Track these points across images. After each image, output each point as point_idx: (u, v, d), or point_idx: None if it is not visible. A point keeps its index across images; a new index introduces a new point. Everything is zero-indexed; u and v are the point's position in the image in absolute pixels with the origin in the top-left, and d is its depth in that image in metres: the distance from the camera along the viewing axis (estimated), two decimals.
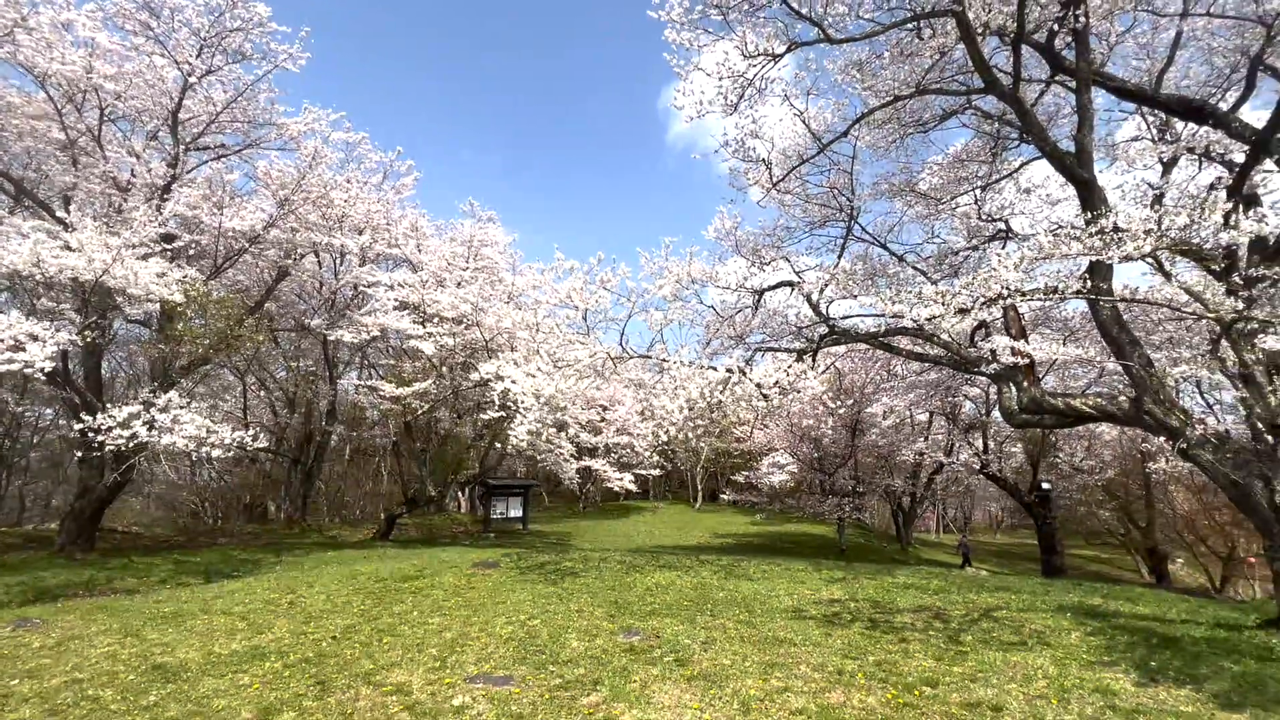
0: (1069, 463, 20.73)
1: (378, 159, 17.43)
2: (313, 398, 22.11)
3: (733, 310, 12.57)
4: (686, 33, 9.76)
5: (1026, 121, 8.77)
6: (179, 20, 11.71)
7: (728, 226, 13.16)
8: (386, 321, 15.41)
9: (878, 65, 11.29)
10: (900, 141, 12.83)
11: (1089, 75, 8.66)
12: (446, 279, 17.79)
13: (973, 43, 8.57)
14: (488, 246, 19.90)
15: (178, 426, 10.25)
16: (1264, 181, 9.89)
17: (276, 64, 12.43)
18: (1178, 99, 9.62)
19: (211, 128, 13.40)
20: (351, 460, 30.15)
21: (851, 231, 12.85)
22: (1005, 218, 13.32)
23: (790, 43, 9.91)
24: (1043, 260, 4.59)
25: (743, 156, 11.79)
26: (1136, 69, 11.00)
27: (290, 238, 14.70)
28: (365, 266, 17.25)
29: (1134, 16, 9.78)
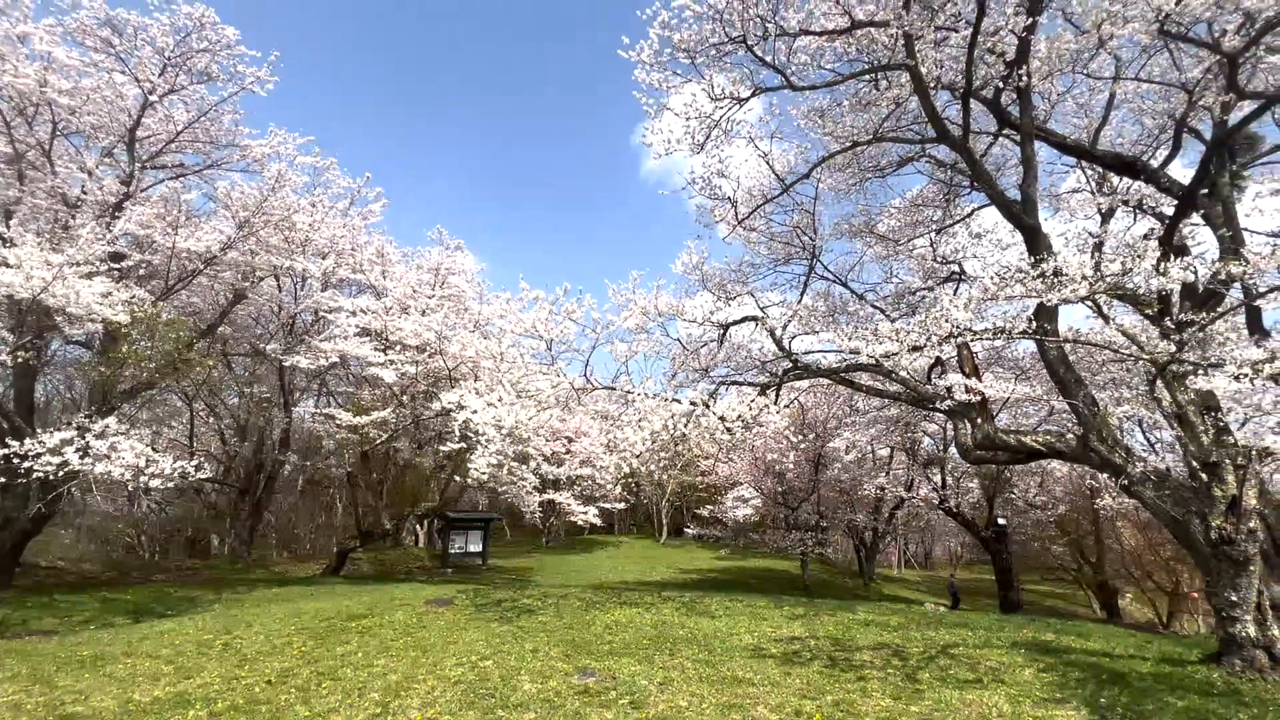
0: (1023, 498, 21.25)
1: (345, 184, 17.26)
2: (265, 425, 21.26)
3: (698, 343, 12.68)
4: (656, 74, 10.04)
5: (976, 171, 9.22)
6: (142, 39, 11.52)
7: (694, 261, 13.36)
8: (346, 348, 15.03)
9: (838, 112, 11.79)
10: (860, 185, 13.35)
11: (1032, 130, 9.20)
12: (411, 306, 17.53)
13: (925, 95, 9.03)
14: (455, 274, 19.74)
15: (115, 454, 9.69)
16: (1192, 234, 10.59)
17: (243, 86, 12.29)
18: (1113, 155, 10.28)
19: (171, 147, 13.09)
20: (304, 491, 28.95)
21: (814, 269, 13.21)
22: (959, 260, 13.90)
23: (755, 87, 10.29)
24: (990, 301, 4.79)
25: (709, 194, 12.08)
26: (1076, 125, 11.73)
27: (249, 260, 14.31)
28: (327, 292, 16.89)
29: (1072, 78, 10.45)
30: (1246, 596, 5.18)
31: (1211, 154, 7.67)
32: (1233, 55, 6.32)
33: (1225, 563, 5.14)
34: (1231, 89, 6.72)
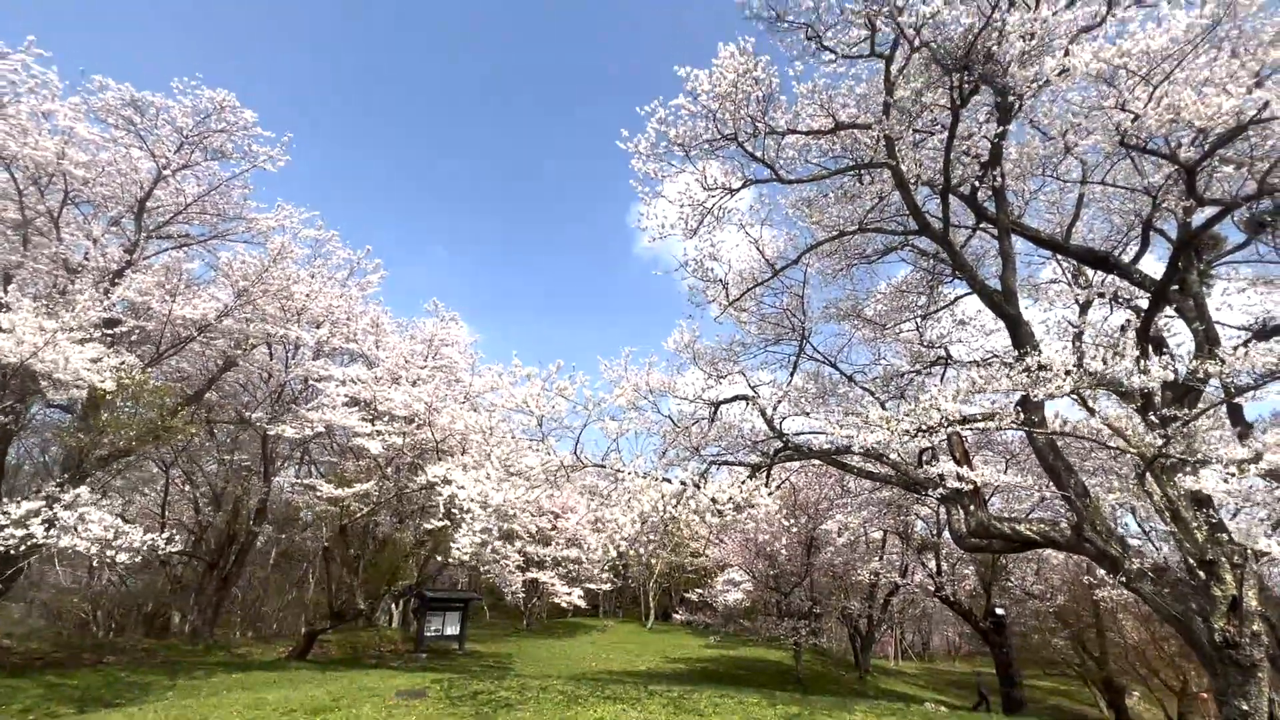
0: (1020, 587, 20.67)
1: (345, 255, 17.64)
2: (243, 494, 20.60)
3: (690, 421, 12.66)
4: (652, 164, 10.58)
5: (958, 262, 9.60)
6: (164, 118, 12.08)
7: (686, 340, 13.56)
8: (333, 418, 14.85)
9: (825, 203, 12.38)
10: (846, 270, 13.82)
11: (1008, 226, 9.67)
12: (402, 376, 17.50)
13: (906, 191, 9.54)
14: (448, 346, 19.86)
15: (82, 526, 9.31)
16: (1168, 326, 10.95)
17: (255, 164, 12.81)
18: (1085, 250, 10.78)
19: (178, 218, 13.45)
20: (276, 565, 27.70)
21: (804, 350, 13.43)
22: (945, 344, 14.20)
23: (746, 179, 10.83)
24: (977, 393, 4.86)
25: (701, 276, 12.44)
26: (1049, 220, 12.35)
27: (243, 328, 14.37)
28: (319, 360, 16.87)
29: (1043, 179, 11.10)
30: (1258, 705, 4.97)
31: (1178, 253, 8.08)
32: (1189, 166, 6.78)
33: (1231, 668, 4.97)
34: (1191, 195, 7.16)
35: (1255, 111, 5.97)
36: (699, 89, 9.34)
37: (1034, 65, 7.61)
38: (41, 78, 11.51)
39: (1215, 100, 6.08)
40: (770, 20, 9.07)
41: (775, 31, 9.04)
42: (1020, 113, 9.46)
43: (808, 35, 8.97)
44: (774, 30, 9.06)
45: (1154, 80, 6.40)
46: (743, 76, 9.25)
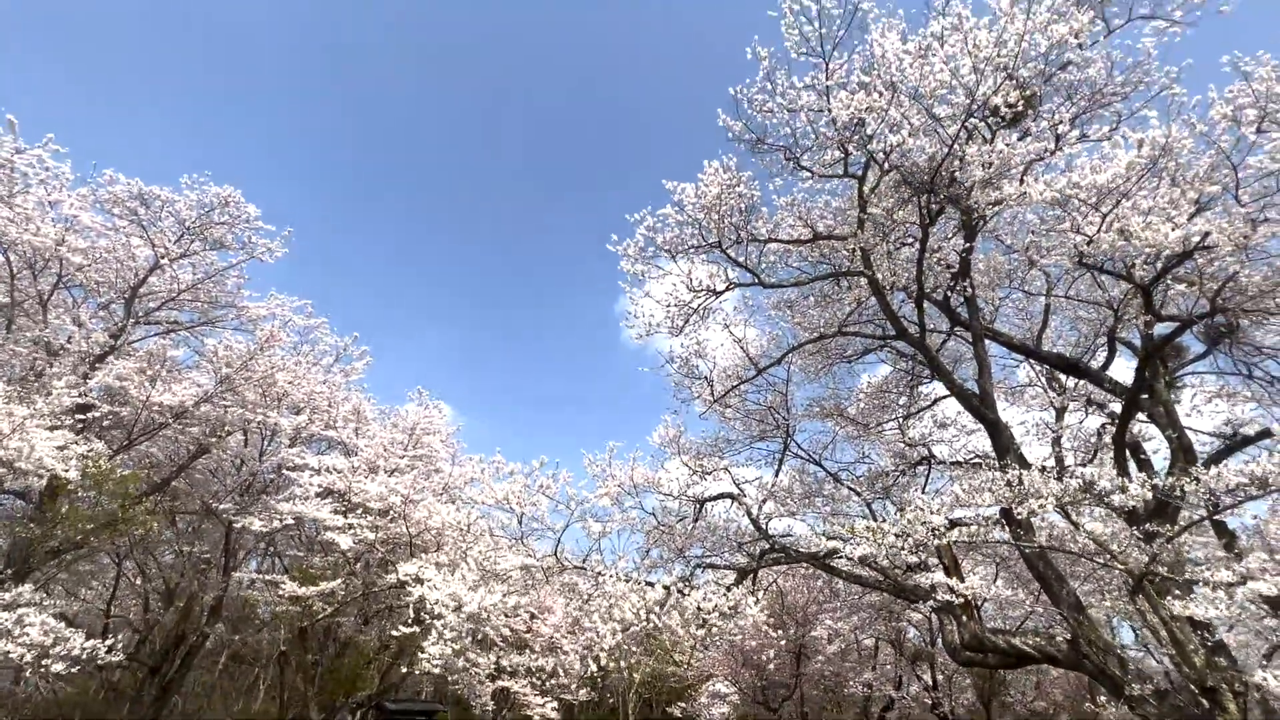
0: (1021, 703, 19.58)
1: (332, 342, 17.70)
2: (199, 590, 19.31)
3: (674, 518, 12.39)
4: (639, 265, 11.03)
5: (934, 366, 9.88)
6: (168, 211, 12.48)
7: (671, 435, 13.53)
8: (304, 510, 14.28)
9: (805, 305, 12.85)
10: (828, 369, 14.12)
11: (981, 332, 10.05)
12: (380, 466, 17.06)
13: (883, 298, 9.96)
14: (430, 434, 19.55)
15: (18, 630, 8.61)
16: (1143, 432, 11.18)
17: (253, 255, 13.14)
18: (1056, 356, 11.16)
19: (169, 304, 13.55)
20: (225, 670, 25.54)
21: (788, 448, 13.43)
22: (928, 444, 14.29)
23: (730, 282, 11.28)
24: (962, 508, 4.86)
25: (687, 373, 12.65)
26: (1020, 325, 12.88)
27: (221, 414, 14.12)
28: (295, 448, 16.47)
29: (1010, 289, 11.69)
30: None
31: (1144, 363, 8.40)
32: (1144, 285, 7.22)
33: None
34: (1149, 311, 7.57)
35: (1199, 239, 6.45)
36: (685, 200, 9.93)
37: (994, 190, 8.25)
38: (54, 169, 11.96)
39: (1162, 228, 6.58)
40: (751, 142, 9.82)
41: (756, 152, 9.77)
42: (985, 230, 10.14)
43: (786, 156, 9.69)
44: (755, 151, 9.79)
45: (1104, 208, 6.93)
46: (727, 190, 9.89)
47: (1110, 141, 7.07)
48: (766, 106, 9.51)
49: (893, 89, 8.13)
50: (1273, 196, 6.45)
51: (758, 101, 9.52)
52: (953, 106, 8.07)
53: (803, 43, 8.79)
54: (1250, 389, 9.26)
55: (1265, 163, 6.02)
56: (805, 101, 9.14)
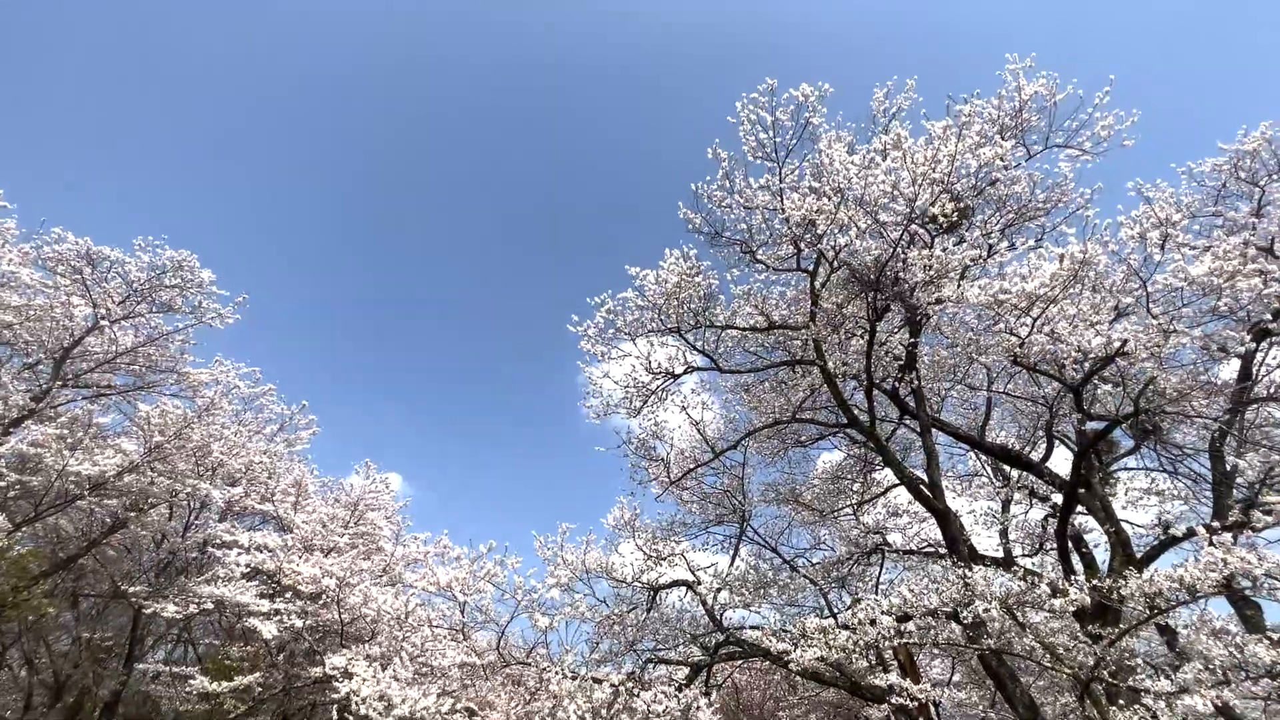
0: None
1: (278, 410, 17.00)
2: (93, 684, 17.21)
3: (626, 607, 11.91)
4: (599, 345, 11.14)
5: (885, 455, 10.08)
6: (116, 272, 12.11)
7: (627, 517, 13.23)
8: (227, 593, 13.14)
9: (761, 390, 13.11)
10: (784, 453, 14.24)
11: (929, 423, 10.38)
12: (317, 544, 16.00)
13: (834, 386, 10.25)
14: (374, 510, 18.59)
15: None
16: (1083, 525, 11.50)
17: (202, 320, 12.73)
18: (999, 447, 11.57)
19: (103, 367, 12.88)
20: None
21: (744, 533, 13.27)
22: (882, 531, 14.34)
23: (688, 366, 11.47)
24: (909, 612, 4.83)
25: (644, 454, 12.56)
26: (965, 416, 13.37)
27: (146, 485, 13.16)
28: (225, 523, 15.39)
29: (955, 382, 12.22)
30: None
31: (1079, 459, 8.77)
32: (1074, 386, 7.66)
33: None
34: (1079, 410, 7.99)
35: (1119, 345, 6.95)
36: (646, 285, 10.22)
37: (934, 290, 8.79)
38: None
39: (1086, 333, 7.07)
40: (710, 234, 10.31)
41: (715, 245, 10.24)
42: (929, 326, 10.70)
43: (743, 249, 10.19)
44: (714, 243, 10.27)
45: (1033, 313, 7.44)
46: (686, 278, 10.23)
47: (1036, 253, 7.69)
48: (725, 203, 10.09)
49: (840, 194, 8.75)
50: (1179, 310, 7.06)
51: (717, 197, 10.10)
52: (895, 214, 8.70)
53: (758, 148, 9.47)
54: (1174, 487, 9.72)
55: (1169, 279, 6.62)
56: (761, 200, 9.74)
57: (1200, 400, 8.56)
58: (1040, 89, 9.70)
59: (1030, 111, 9.73)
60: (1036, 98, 9.77)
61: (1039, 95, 9.74)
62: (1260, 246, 8.68)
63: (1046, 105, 9.79)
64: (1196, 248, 7.19)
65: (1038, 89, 9.69)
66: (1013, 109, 9.80)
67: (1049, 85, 9.68)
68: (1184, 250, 6.98)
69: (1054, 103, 9.75)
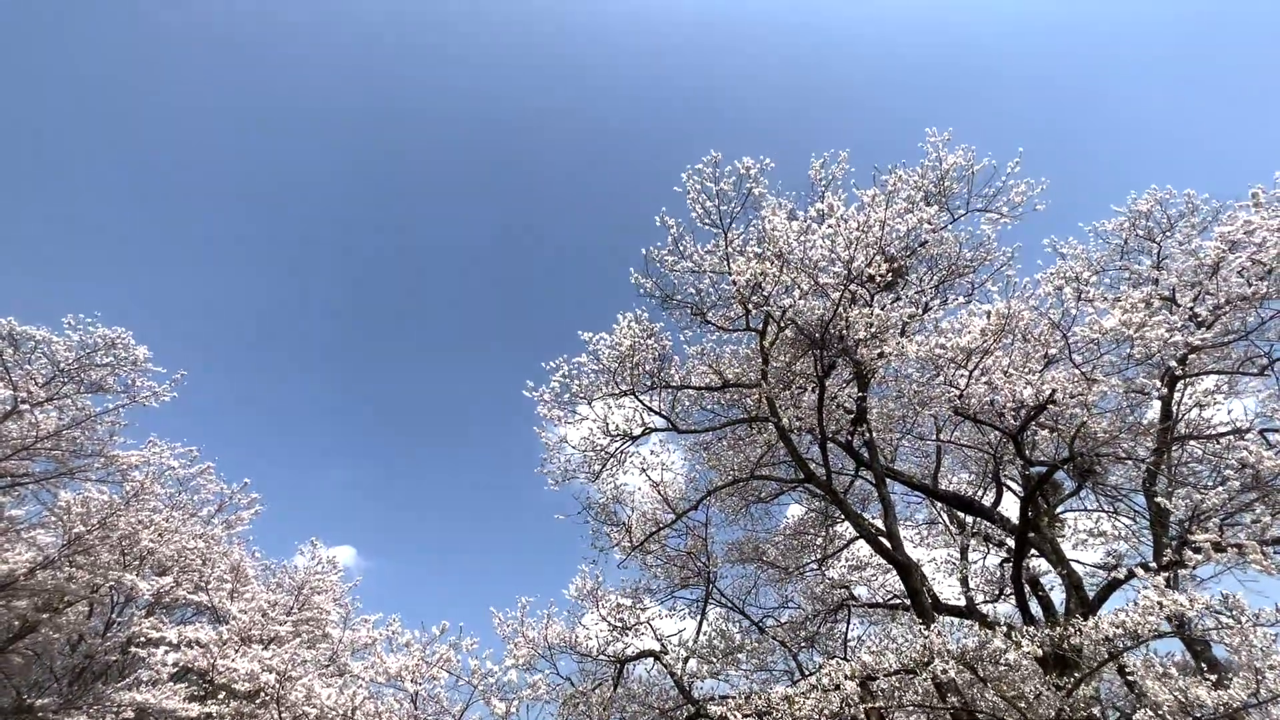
0: None
1: (216, 489, 16.06)
2: None
3: (592, 683, 11.35)
4: (556, 410, 11.08)
5: (844, 510, 10.18)
6: (41, 352, 11.49)
7: (589, 587, 12.76)
8: (150, 698, 11.94)
9: (720, 448, 13.19)
10: (746, 510, 14.19)
11: (883, 474, 10.59)
12: (256, 635, 14.81)
13: (789, 442, 10.40)
14: (320, 593, 17.45)
15: None
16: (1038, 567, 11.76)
17: (135, 399, 12.09)
18: (952, 495, 11.84)
19: (20, 454, 11.99)
20: None
21: (710, 595, 12.97)
22: (848, 585, 14.27)
23: (645, 427, 11.48)
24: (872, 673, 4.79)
25: (605, 520, 12.31)
26: (918, 465, 13.69)
27: (63, 582, 12.08)
28: (151, 618, 14.13)
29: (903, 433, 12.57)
30: None
31: (1025, 503, 9.06)
32: (1012, 434, 8.00)
33: None
34: (1020, 457, 8.32)
35: (1049, 393, 7.34)
36: (600, 350, 10.32)
37: (877, 346, 9.17)
38: None
39: (1018, 384, 7.46)
40: (661, 298, 10.58)
41: (666, 307, 10.50)
42: (876, 379, 11.09)
43: (694, 312, 10.47)
44: (665, 306, 10.53)
45: (969, 365, 7.82)
46: (640, 341, 10.39)
47: (967, 310, 8.17)
48: (676, 267, 10.42)
49: (782, 258, 9.18)
50: (1099, 358, 7.55)
51: (668, 262, 10.43)
52: (834, 275, 9.15)
53: (705, 215, 9.91)
54: (1115, 526, 10.10)
55: (1086, 331, 7.11)
56: (709, 264, 10.11)
57: (1129, 442, 9.03)
58: (959, 159, 10.58)
59: (951, 180, 10.56)
60: (957, 168, 10.64)
61: (959, 165, 10.61)
62: (1164, 297, 9.48)
63: (966, 174, 10.67)
64: (1108, 300, 7.79)
65: (957, 160, 10.57)
66: (936, 177, 10.62)
67: (966, 156, 10.57)
68: (1095, 305, 7.53)
69: (972, 172, 10.63)
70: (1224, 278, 8.51)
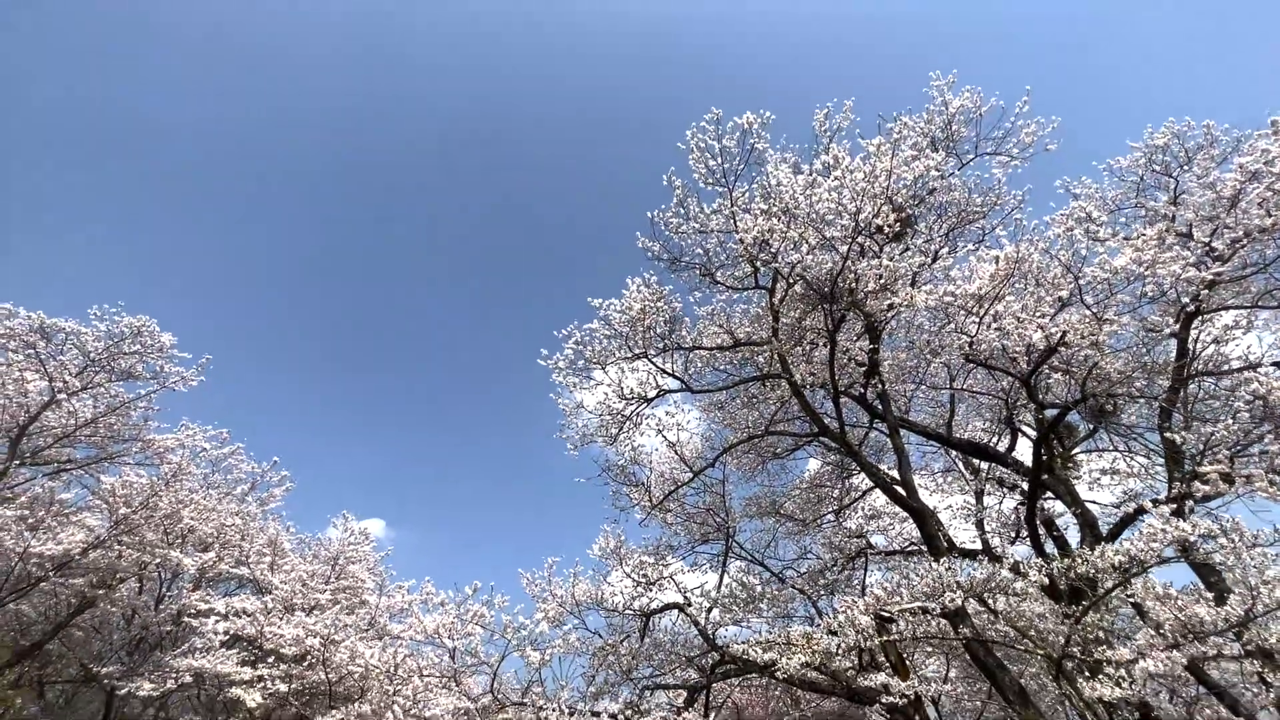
0: None
1: (248, 469, 16.66)
2: None
3: (619, 636, 11.83)
4: (570, 377, 11.27)
5: (858, 460, 10.34)
6: (71, 343, 11.86)
7: (612, 545, 13.20)
8: (206, 664, 12.68)
9: (734, 406, 13.35)
10: (762, 466, 14.44)
11: (897, 425, 10.69)
12: (298, 603, 15.55)
13: (802, 397, 10.53)
14: (355, 563, 18.17)
15: None
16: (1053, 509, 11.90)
17: (165, 384, 12.49)
18: (966, 442, 11.94)
19: (63, 441, 12.51)
20: None
21: (730, 549, 13.34)
22: (865, 534, 14.55)
23: (659, 390, 11.65)
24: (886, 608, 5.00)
25: (624, 481, 12.63)
26: (933, 414, 13.76)
27: (114, 560, 12.72)
28: (199, 592, 14.88)
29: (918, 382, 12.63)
30: None
31: (1039, 446, 9.15)
32: (1024, 378, 8.05)
33: None
34: (1033, 400, 8.38)
35: (1059, 335, 7.36)
36: (611, 315, 10.43)
37: (887, 298, 9.18)
38: None
39: (1029, 329, 7.47)
40: (669, 260, 10.61)
41: (675, 270, 10.53)
42: (888, 331, 11.10)
43: (702, 273, 10.49)
44: (674, 269, 10.56)
45: (979, 312, 7.84)
46: (650, 304, 10.48)
47: (977, 255, 8.13)
48: (681, 229, 10.41)
49: (789, 214, 9.13)
50: (1110, 298, 7.52)
51: (673, 224, 10.41)
52: (842, 228, 9.10)
53: (709, 175, 9.84)
54: (1129, 465, 10.17)
55: (1097, 271, 7.07)
56: (715, 224, 10.09)
57: (1143, 381, 9.03)
58: (966, 102, 10.33)
59: (959, 123, 10.34)
60: (963, 110, 10.40)
61: (965, 108, 10.37)
62: (1180, 233, 9.32)
63: (973, 117, 10.43)
64: (1120, 239, 7.71)
65: (963, 103, 10.32)
66: (943, 122, 10.40)
67: (973, 98, 10.32)
68: (1108, 244, 7.46)
69: (980, 114, 10.39)
70: (1243, 209, 8.34)
